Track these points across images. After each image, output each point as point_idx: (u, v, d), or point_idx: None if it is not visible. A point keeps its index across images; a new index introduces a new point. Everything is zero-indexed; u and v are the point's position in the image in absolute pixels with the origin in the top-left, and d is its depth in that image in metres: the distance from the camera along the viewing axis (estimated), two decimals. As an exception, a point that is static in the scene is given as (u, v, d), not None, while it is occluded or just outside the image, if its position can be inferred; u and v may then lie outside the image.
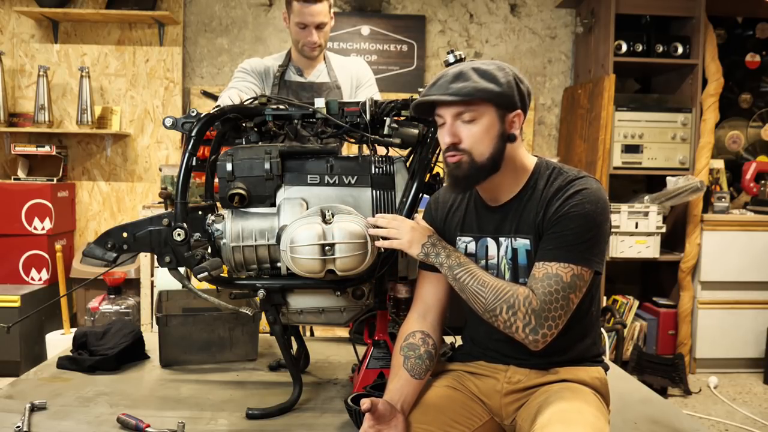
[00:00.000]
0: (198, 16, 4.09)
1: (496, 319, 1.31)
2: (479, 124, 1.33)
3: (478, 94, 1.30)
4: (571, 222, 1.31)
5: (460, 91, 1.30)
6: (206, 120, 1.62)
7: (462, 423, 1.37)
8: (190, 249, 1.56)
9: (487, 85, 1.31)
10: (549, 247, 1.32)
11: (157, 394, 1.79)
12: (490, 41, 4.22)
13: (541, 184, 1.39)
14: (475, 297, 1.33)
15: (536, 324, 1.28)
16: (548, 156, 4.14)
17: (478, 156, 1.33)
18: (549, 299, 1.28)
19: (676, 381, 3.42)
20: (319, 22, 2.35)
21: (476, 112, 1.32)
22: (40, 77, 3.79)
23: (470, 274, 1.35)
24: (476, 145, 1.33)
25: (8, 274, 3.67)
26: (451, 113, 1.34)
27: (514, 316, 1.29)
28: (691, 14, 3.74)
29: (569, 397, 1.30)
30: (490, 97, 1.31)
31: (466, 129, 1.33)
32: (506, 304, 1.30)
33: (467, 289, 1.35)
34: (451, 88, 1.31)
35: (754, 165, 4.01)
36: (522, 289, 1.31)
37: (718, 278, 3.72)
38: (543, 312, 1.28)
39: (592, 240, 1.31)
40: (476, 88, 1.30)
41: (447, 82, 1.32)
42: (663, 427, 1.65)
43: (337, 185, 1.65)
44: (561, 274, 1.29)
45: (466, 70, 1.33)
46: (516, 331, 1.29)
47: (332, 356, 2.16)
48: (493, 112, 1.33)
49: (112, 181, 4.09)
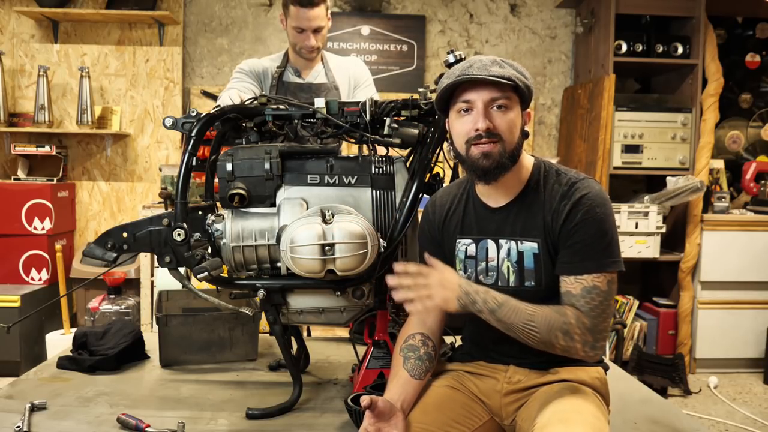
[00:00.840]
0: (198, 16, 4.09)
1: (554, 348, 1.31)
2: (512, 113, 1.33)
3: (519, 81, 1.30)
4: (588, 229, 1.32)
5: (503, 74, 1.29)
6: (206, 120, 1.62)
7: (462, 423, 1.37)
8: (190, 249, 1.56)
9: (522, 77, 1.32)
10: (575, 259, 1.33)
11: (157, 394, 1.79)
12: (490, 41, 4.22)
13: (543, 186, 1.39)
14: (527, 333, 1.30)
15: (593, 340, 1.31)
16: (548, 156, 4.14)
17: (509, 145, 1.33)
18: (597, 313, 1.30)
19: (676, 381, 3.42)
20: (316, 27, 2.35)
21: (510, 100, 1.32)
22: (40, 77, 3.79)
23: (513, 311, 1.30)
24: (509, 132, 1.33)
25: (8, 274, 3.67)
26: (485, 98, 1.31)
27: (572, 341, 1.30)
28: (691, 14, 3.74)
29: (569, 397, 1.30)
30: (524, 88, 1.32)
31: (500, 116, 1.32)
32: (561, 332, 1.29)
33: (516, 328, 1.31)
34: (493, 71, 1.29)
35: (754, 165, 4.01)
36: (570, 311, 1.31)
37: (718, 278, 3.72)
38: (596, 326, 1.30)
39: (611, 242, 1.34)
40: (517, 75, 1.31)
41: (485, 65, 1.30)
42: (663, 427, 1.65)
43: (337, 185, 1.65)
44: (598, 285, 1.31)
45: (498, 60, 1.33)
46: (576, 352, 1.31)
47: (332, 356, 2.16)
48: (518, 106, 1.35)
49: (112, 181, 4.09)
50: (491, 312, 1.31)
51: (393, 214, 1.63)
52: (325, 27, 2.41)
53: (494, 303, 1.31)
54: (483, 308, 1.31)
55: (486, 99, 1.31)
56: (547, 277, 1.38)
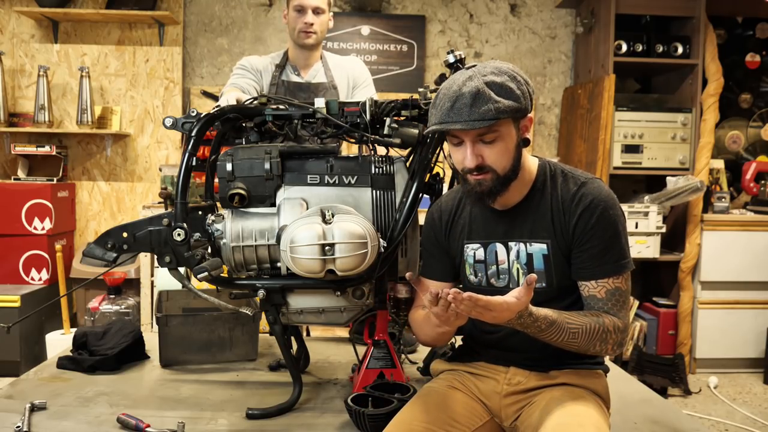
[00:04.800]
0: (198, 16, 4.09)
1: (588, 352, 1.34)
2: (501, 142, 1.32)
3: (502, 116, 1.27)
4: (605, 232, 1.35)
5: (484, 116, 1.26)
6: (206, 120, 1.62)
7: (462, 422, 1.37)
8: (190, 249, 1.56)
9: (509, 104, 1.28)
10: (595, 264, 1.35)
11: (157, 394, 1.79)
12: (490, 41, 4.22)
13: (549, 187, 1.40)
14: (569, 346, 1.32)
15: (622, 339, 1.35)
16: (548, 156, 4.13)
17: (502, 170, 1.34)
18: (624, 313, 1.36)
19: (676, 381, 3.42)
20: (315, 6, 2.39)
21: (496, 133, 1.31)
22: (40, 77, 3.79)
23: (557, 332, 1.28)
24: (499, 161, 1.33)
25: (8, 274, 3.67)
26: (472, 136, 1.31)
27: (605, 344, 1.33)
28: (691, 14, 3.74)
29: (571, 404, 1.30)
30: (516, 116, 1.31)
31: (488, 149, 1.32)
32: (599, 341, 1.32)
33: (558, 344, 1.31)
34: (473, 114, 1.26)
35: (754, 165, 4.01)
36: (608, 320, 1.33)
37: (718, 278, 3.72)
38: (625, 327, 1.36)
39: (623, 242, 1.37)
40: (499, 109, 1.26)
41: (466, 106, 1.26)
42: (663, 427, 1.65)
43: (337, 185, 1.65)
44: (619, 286, 1.36)
45: (482, 89, 1.26)
46: (605, 352, 1.35)
47: (332, 356, 2.15)
48: (512, 125, 1.33)
49: (112, 181, 4.09)
50: (537, 333, 1.29)
51: (393, 214, 1.63)
52: (326, 15, 2.43)
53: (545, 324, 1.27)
54: (533, 331, 1.29)
55: (473, 136, 1.31)
56: (558, 278, 1.39)
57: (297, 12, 2.41)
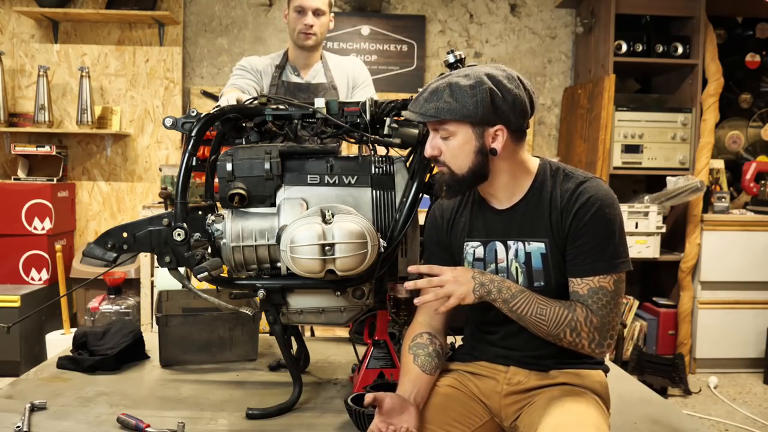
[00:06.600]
0: (198, 16, 4.09)
1: (561, 341, 1.34)
2: (454, 141, 1.35)
3: (441, 115, 1.32)
4: (596, 230, 1.34)
5: (426, 112, 1.34)
6: (206, 120, 1.62)
7: (462, 422, 1.37)
8: (190, 249, 1.56)
9: (454, 106, 1.31)
10: (585, 261, 1.34)
11: (157, 394, 1.79)
12: (490, 41, 4.22)
13: (549, 186, 1.40)
14: (536, 326, 1.33)
15: (600, 338, 1.33)
16: (548, 156, 4.13)
17: (457, 169, 1.37)
18: (605, 312, 1.33)
19: (676, 381, 3.42)
20: (316, 7, 2.38)
21: (448, 131, 1.35)
22: (40, 77, 3.79)
23: (525, 302, 1.33)
24: (453, 159, 1.36)
25: (8, 274, 3.67)
26: (431, 127, 1.38)
27: (579, 337, 1.32)
28: (691, 14, 3.74)
29: (571, 404, 1.30)
30: (457, 118, 1.32)
31: (444, 145, 1.37)
32: (569, 328, 1.32)
33: (526, 319, 1.34)
34: (424, 107, 1.35)
35: (754, 165, 4.01)
36: (579, 309, 1.33)
37: (718, 278, 3.72)
38: (604, 326, 1.33)
39: (618, 242, 1.35)
40: (440, 108, 1.32)
41: (423, 99, 1.35)
42: (663, 427, 1.65)
43: (337, 185, 1.65)
44: (605, 285, 1.33)
45: (441, 87, 1.33)
46: (582, 348, 1.34)
47: (332, 356, 2.16)
48: (469, 129, 1.34)
49: (112, 181, 4.09)
50: (505, 302, 1.34)
51: (393, 214, 1.63)
52: (326, 16, 2.43)
53: (508, 293, 1.34)
54: (497, 297, 1.34)
55: (432, 128, 1.38)
56: (556, 277, 1.38)
57: (297, 13, 2.40)
